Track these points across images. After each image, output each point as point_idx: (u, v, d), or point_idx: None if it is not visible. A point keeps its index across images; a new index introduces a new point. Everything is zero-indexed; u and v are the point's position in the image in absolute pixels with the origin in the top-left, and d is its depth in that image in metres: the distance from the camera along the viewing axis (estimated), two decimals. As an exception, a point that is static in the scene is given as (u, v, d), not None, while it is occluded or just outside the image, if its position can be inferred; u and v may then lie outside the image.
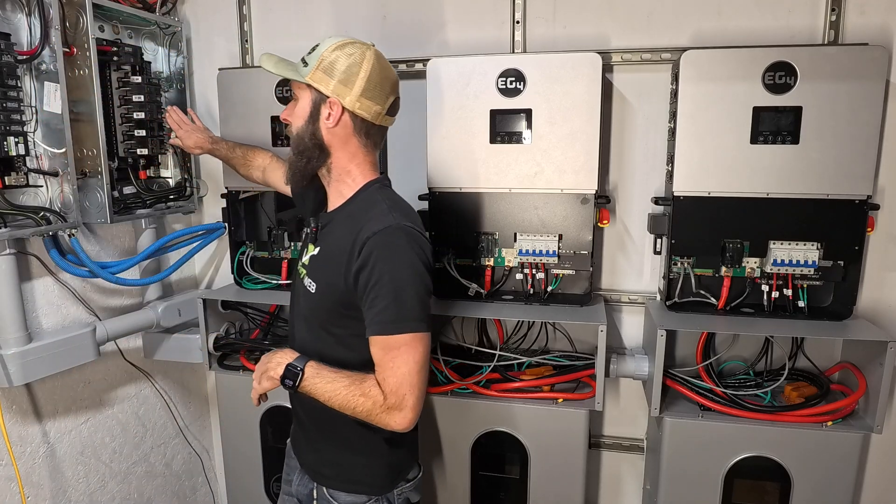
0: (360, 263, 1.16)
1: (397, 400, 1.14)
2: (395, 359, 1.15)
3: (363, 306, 1.18)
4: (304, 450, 1.42)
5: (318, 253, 1.30)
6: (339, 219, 1.28)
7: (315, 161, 1.25)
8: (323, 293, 1.26)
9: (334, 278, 1.22)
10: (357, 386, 1.17)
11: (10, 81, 1.50)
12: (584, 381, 1.85)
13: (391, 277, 1.14)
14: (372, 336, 1.17)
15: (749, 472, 1.66)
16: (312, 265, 1.30)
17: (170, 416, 2.27)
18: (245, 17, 2.14)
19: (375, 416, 1.17)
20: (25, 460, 1.72)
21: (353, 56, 1.20)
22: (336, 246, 1.24)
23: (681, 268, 1.76)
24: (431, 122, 1.79)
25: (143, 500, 2.17)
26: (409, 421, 1.16)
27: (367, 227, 1.18)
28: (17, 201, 1.60)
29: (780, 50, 1.58)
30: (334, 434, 1.34)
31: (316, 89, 1.20)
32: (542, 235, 1.79)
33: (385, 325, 1.15)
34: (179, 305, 2.08)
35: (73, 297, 1.83)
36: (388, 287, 1.14)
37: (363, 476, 1.35)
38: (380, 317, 1.15)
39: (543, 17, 1.90)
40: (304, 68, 1.21)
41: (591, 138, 1.71)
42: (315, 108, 1.22)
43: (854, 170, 1.58)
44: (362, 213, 1.23)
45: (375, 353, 1.18)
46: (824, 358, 1.82)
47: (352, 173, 1.28)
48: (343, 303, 1.23)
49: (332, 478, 1.36)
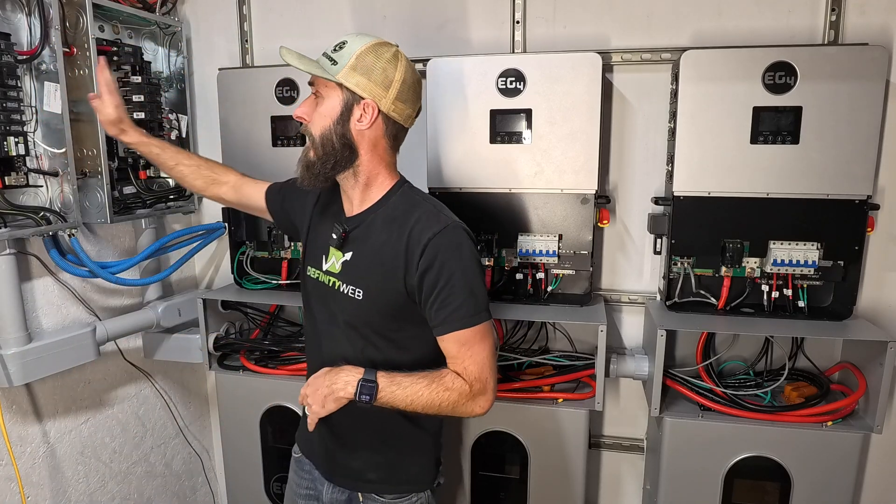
0: (425, 265, 1.16)
1: (482, 385, 1.19)
2: (473, 347, 1.18)
3: (430, 306, 1.18)
4: (339, 460, 1.36)
5: (353, 258, 1.25)
6: (375, 222, 1.24)
7: (343, 163, 1.21)
8: (375, 298, 1.23)
9: (390, 283, 1.20)
10: (438, 383, 1.17)
11: (10, 81, 1.50)
12: (584, 381, 1.85)
13: (463, 274, 1.16)
14: (449, 333, 1.18)
15: (749, 472, 1.66)
16: (349, 271, 1.26)
17: (170, 416, 2.28)
18: (245, 17, 2.14)
19: (461, 406, 1.19)
20: (25, 460, 1.72)
21: (388, 58, 1.17)
22: (382, 250, 1.21)
23: (681, 268, 1.76)
24: (431, 122, 1.79)
25: (143, 500, 2.17)
26: (491, 402, 1.21)
27: (422, 228, 1.18)
28: (17, 201, 1.60)
29: (780, 50, 1.58)
30: (385, 438, 1.32)
31: (349, 90, 1.16)
32: (542, 235, 1.79)
33: (464, 320, 1.17)
34: (179, 305, 2.08)
35: (73, 297, 1.83)
36: (460, 284, 1.16)
37: (414, 474, 1.35)
38: (457, 313, 1.16)
39: (543, 17, 1.90)
40: (333, 66, 1.17)
41: (591, 138, 1.71)
42: (347, 109, 1.18)
43: (854, 170, 1.58)
44: (405, 215, 1.21)
45: (450, 348, 1.19)
46: (824, 358, 1.82)
47: (380, 175, 1.25)
48: (400, 305, 1.22)
49: (380, 481, 1.33)
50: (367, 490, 1.34)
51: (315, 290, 1.33)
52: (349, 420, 1.26)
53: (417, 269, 1.17)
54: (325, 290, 1.30)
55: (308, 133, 1.22)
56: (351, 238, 1.26)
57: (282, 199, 1.45)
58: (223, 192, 1.53)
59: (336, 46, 1.19)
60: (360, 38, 1.18)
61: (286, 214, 1.45)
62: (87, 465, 1.93)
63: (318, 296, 1.32)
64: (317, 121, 1.20)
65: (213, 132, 2.06)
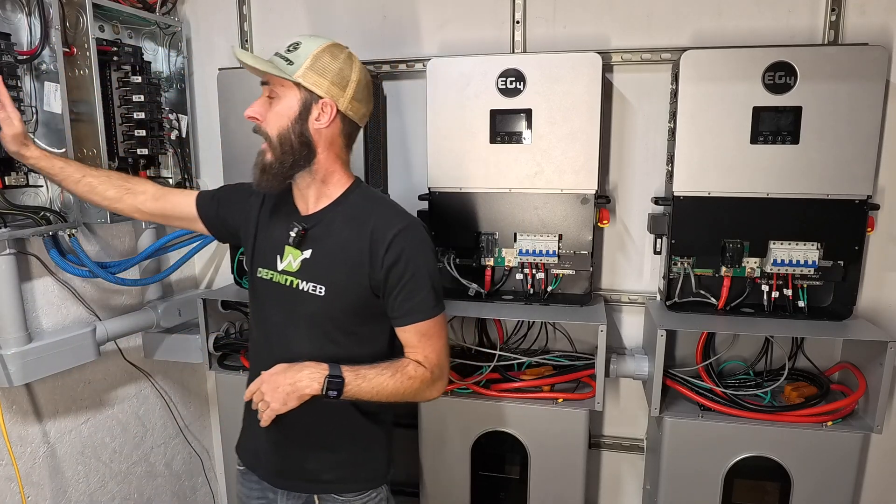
0: (391, 259, 1.20)
1: (441, 371, 1.27)
2: (433, 337, 1.26)
3: (395, 298, 1.22)
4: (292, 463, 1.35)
5: (314, 256, 1.27)
6: (335, 220, 1.26)
7: (301, 161, 1.23)
8: (339, 294, 1.24)
9: (355, 278, 1.23)
10: (401, 372, 1.22)
11: (10, 81, 1.50)
12: (584, 381, 1.85)
13: (427, 269, 1.23)
14: (412, 324, 1.24)
15: (749, 472, 1.66)
16: (309, 269, 1.27)
17: (170, 416, 2.27)
18: (245, 17, 2.14)
19: (421, 392, 1.25)
20: (25, 460, 1.73)
21: (344, 59, 1.21)
22: (346, 246, 1.24)
23: (681, 268, 1.76)
24: (431, 122, 1.79)
25: (143, 500, 2.17)
26: (445, 387, 1.30)
27: (385, 225, 1.22)
28: (17, 201, 1.60)
29: (780, 50, 1.58)
30: (341, 435, 1.32)
31: (307, 89, 1.19)
32: (542, 235, 1.79)
33: (427, 311, 1.23)
34: (179, 305, 2.08)
35: (73, 297, 1.83)
36: (424, 278, 1.22)
37: (371, 470, 1.35)
38: (421, 305, 1.23)
39: (543, 17, 1.90)
40: (290, 66, 1.18)
41: (591, 138, 1.71)
42: (305, 108, 1.20)
43: (854, 170, 1.58)
44: (366, 213, 1.25)
45: (411, 338, 1.25)
46: (824, 358, 1.82)
47: (336, 173, 1.28)
48: (363, 300, 1.24)
49: (337, 481, 1.33)
50: (323, 491, 1.33)
51: (269, 291, 1.32)
52: (305, 420, 1.25)
53: (383, 265, 1.21)
54: (281, 291, 1.29)
55: (264, 133, 1.23)
56: (310, 236, 1.27)
57: (217, 205, 1.43)
58: (140, 202, 1.43)
59: (290, 47, 1.20)
60: (314, 39, 1.21)
61: (222, 221, 1.43)
62: (87, 465, 1.93)
63: (273, 297, 1.31)
64: (274, 120, 1.21)
65: (213, 132, 2.06)
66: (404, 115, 2.06)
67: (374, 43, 2.04)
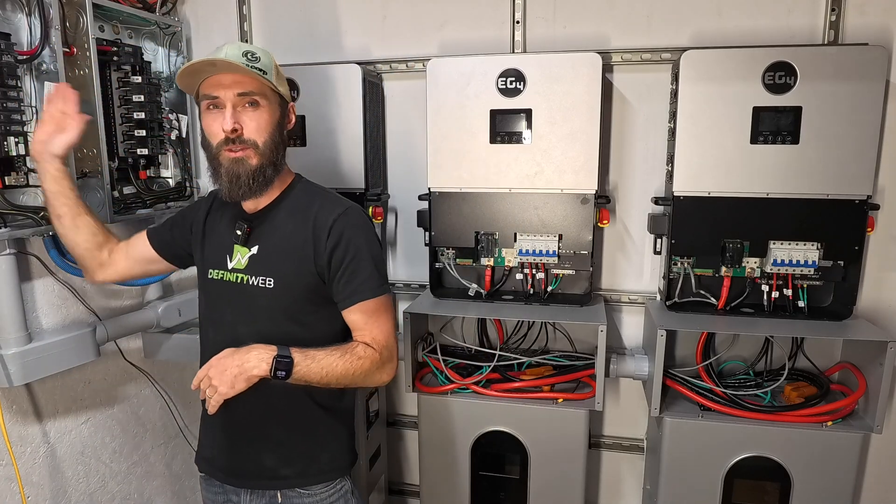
0: (333, 243, 1.24)
1: (389, 353, 1.28)
2: (380, 317, 1.28)
3: (338, 280, 1.25)
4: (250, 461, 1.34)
5: (261, 251, 1.30)
6: (278, 214, 1.31)
7: (279, 163, 1.30)
8: (288, 284, 1.27)
9: (302, 266, 1.26)
10: (351, 353, 1.22)
11: (10, 81, 1.50)
12: (584, 381, 1.85)
13: (368, 250, 1.26)
14: (357, 304, 1.25)
15: (749, 472, 1.66)
16: (256, 264, 1.30)
17: (170, 416, 2.27)
18: (245, 17, 2.14)
19: (371, 374, 1.25)
20: (25, 460, 1.72)
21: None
22: (290, 238, 1.28)
23: (681, 268, 1.76)
24: (431, 122, 1.79)
25: (143, 500, 2.17)
26: (395, 369, 1.31)
27: (325, 213, 1.27)
28: (17, 201, 1.60)
29: (779, 50, 1.58)
30: (296, 427, 1.32)
31: (281, 95, 1.27)
32: (542, 235, 1.79)
33: (371, 290, 1.26)
34: (179, 305, 2.08)
35: (73, 297, 1.83)
36: (366, 258, 1.26)
37: (331, 461, 1.35)
38: (365, 285, 1.25)
39: (543, 17, 1.90)
40: (266, 76, 1.23)
41: (591, 138, 1.71)
42: (283, 114, 1.29)
43: (854, 170, 1.58)
44: (307, 205, 1.30)
45: (357, 319, 1.27)
46: (824, 358, 1.82)
47: (284, 171, 1.34)
48: (312, 287, 1.27)
49: (297, 475, 1.32)
50: (285, 486, 1.33)
51: (220, 290, 1.34)
52: (258, 414, 1.27)
53: (326, 249, 1.24)
54: (232, 288, 1.32)
55: (250, 142, 1.24)
56: (255, 233, 1.31)
57: (169, 229, 1.48)
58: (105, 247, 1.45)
59: (251, 56, 1.23)
60: (259, 48, 1.26)
61: (175, 242, 1.47)
62: (87, 465, 1.93)
63: (225, 295, 1.33)
64: (263, 127, 1.25)
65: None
66: (404, 115, 2.06)
67: (374, 43, 2.04)
